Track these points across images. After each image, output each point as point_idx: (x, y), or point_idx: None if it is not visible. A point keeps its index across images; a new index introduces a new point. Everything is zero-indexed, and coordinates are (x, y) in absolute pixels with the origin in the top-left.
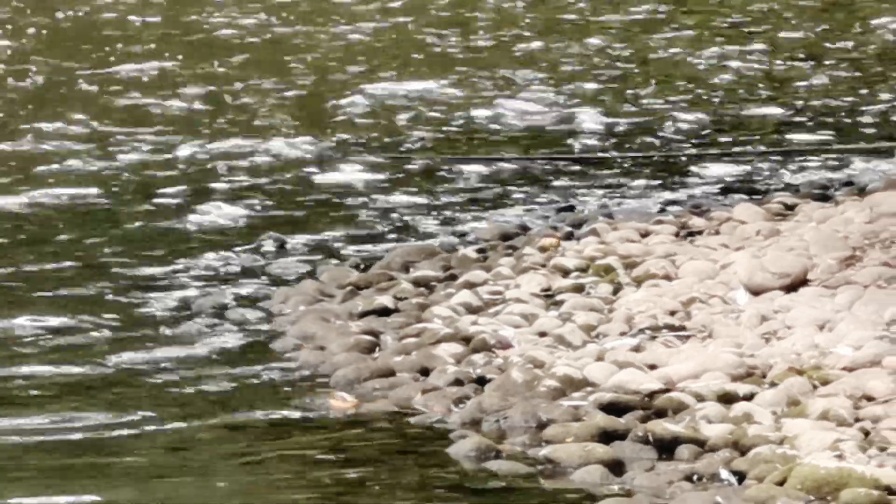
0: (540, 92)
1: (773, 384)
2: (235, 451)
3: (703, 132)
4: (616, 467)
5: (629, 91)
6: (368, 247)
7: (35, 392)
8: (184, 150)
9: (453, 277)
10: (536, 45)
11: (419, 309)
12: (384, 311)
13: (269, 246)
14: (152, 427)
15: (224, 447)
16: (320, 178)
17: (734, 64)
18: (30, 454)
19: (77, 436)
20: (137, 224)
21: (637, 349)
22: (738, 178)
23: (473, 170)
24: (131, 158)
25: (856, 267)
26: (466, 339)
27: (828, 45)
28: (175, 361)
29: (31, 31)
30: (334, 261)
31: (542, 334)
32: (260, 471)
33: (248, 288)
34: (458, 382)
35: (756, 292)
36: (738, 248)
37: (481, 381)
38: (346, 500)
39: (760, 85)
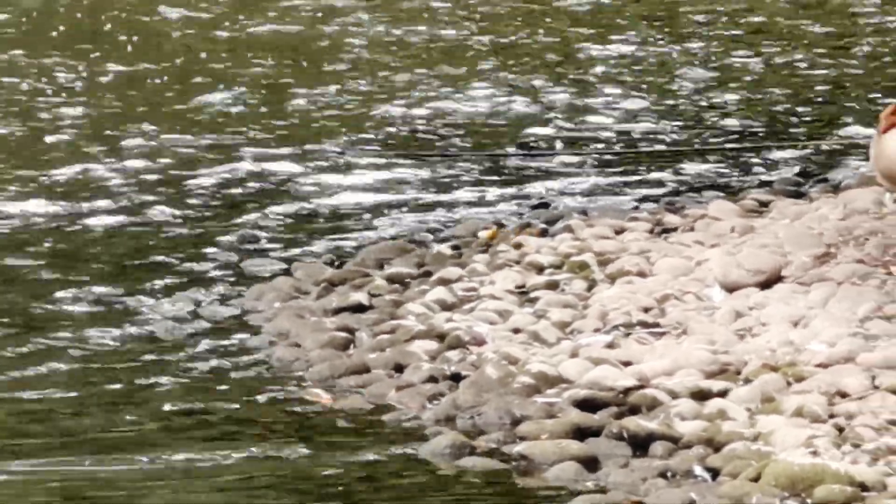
0: (514, 86)
1: (747, 381)
2: (208, 449)
3: (678, 129)
4: (590, 464)
5: (603, 88)
6: (343, 243)
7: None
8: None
9: (427, 274)
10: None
11: (394, 306)
12: (359, 308)
13: (243, 242)
14: (125, 426)
15: (197, 445)
16: (294, 176)
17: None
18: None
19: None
20: (114, 223)
21: (611, 346)
22: (713, 175)
23: (447, 166)
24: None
25: (830, 264)
26: (441, 336)
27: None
28: (147, 359)
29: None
30: (309, 257)
31: (517, 331)
32: (233, 469)
33: (222, 285)
34: (432, 379)
35: (730, 289)
36: (713, 245)
37: (456, 378)
38: (319, 496)
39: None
